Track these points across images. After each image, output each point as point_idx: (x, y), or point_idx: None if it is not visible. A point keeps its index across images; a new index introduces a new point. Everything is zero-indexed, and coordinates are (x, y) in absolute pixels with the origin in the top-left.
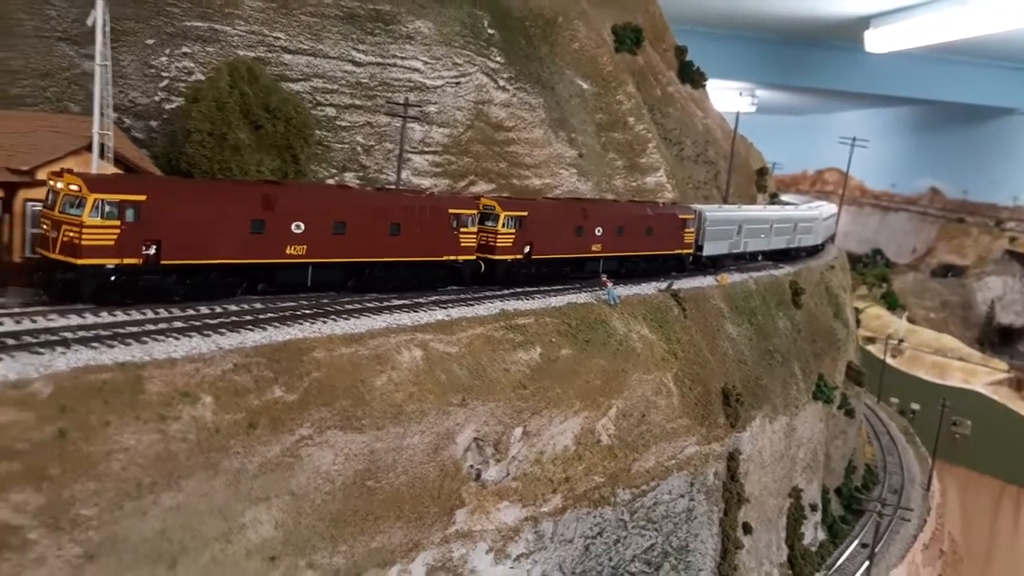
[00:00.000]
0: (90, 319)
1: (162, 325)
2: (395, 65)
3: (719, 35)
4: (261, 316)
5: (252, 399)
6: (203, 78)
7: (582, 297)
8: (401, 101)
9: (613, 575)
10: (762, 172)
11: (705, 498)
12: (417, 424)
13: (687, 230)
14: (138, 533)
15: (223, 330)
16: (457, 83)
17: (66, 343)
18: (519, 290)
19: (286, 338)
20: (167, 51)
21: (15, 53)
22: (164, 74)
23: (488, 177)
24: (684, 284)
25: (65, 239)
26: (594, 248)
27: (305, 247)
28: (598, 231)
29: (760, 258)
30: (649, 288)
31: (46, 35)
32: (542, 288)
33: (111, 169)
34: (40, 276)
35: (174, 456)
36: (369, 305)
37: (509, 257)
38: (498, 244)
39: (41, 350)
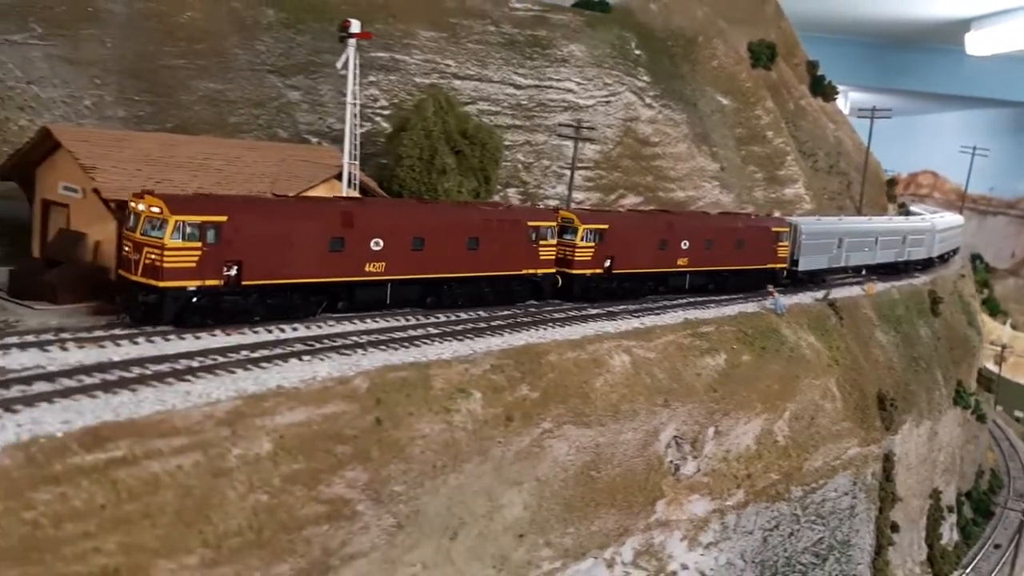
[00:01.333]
0: (373, 324)
1: (431, 330)
2: (551, 87)
3: (815, 38)
4: (493, 323)
5: (507, 396)
6: (386, 103)
7: (750, 307)
8: (557, 121)
9: (787, 565)
10: (891, 183)
11: (865, 496)
12: (630, 422)
13: (781, 243)
14: (433, 507)
15: (470, 336)
16: (608, 102)
17: (362, 346)
18: (695, 299)
19: (523, 343)
20: (357, 80)
21: (233, 85)
22: (355, 101)
23: (636, 190)
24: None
25: (147, 261)
26: (680, 262)
27: (384, 264)
28: (684, 244)
29: (864, 272)
30: (806, 298)
31: (257, 68)
32: (716, 297)
33: (348, 194)
34: (122, 299)
35: (457, 443)
36: (572, 314)
37: (588, 271)
38: (576, 258)
39: (347, 352)
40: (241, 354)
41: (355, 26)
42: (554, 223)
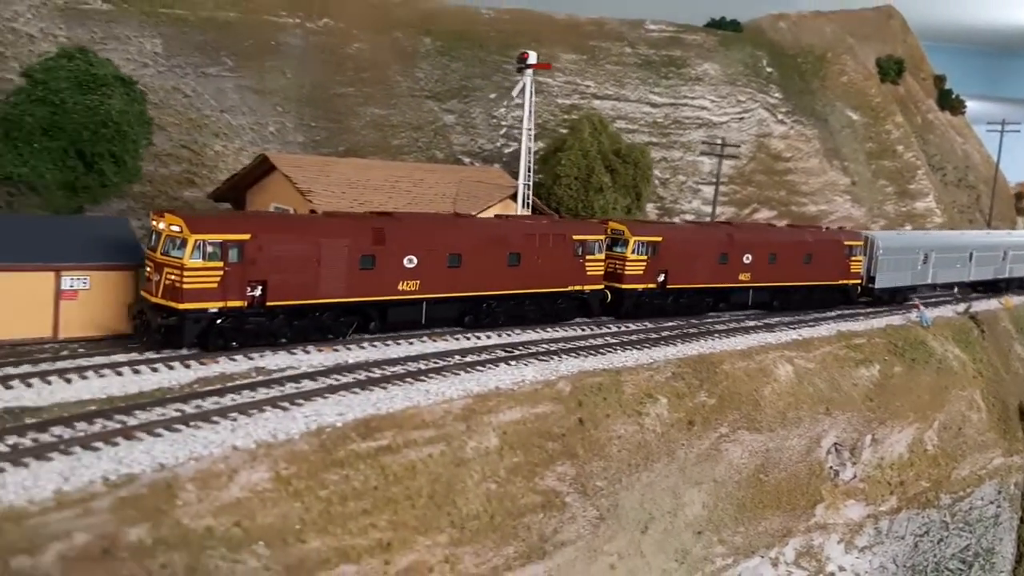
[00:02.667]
0: (558, 333)
1: (609, 340)
2: (686, 105)
3: (927, 47)
4: (663, 334)
5: (688, 401)
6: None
7: (897, 319)
8: (692, 138)
9: (935, 570)
10: (1020, 196)
11: (1008, 505)
12: (796, 428)
13: (854, 258)
14: (628, 502)
15: (647, 345)
16: (741, 118)
17: (556, 353)
18: (845, 312)
19: (697, 352)
20: (504, 103)
21: (395, 111)
22: (503, 123)
23: (769, 205)
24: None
25: (167, 282)
26: (742, 278)
27: (418, 282)
28: (747, 259)
29: (956, 290)
30: (947, 311)
31: (416, 94)
32: (864, 310)
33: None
34: (139, 321)
35: (648, 444)
36: (733, 325)
37: (639, 286)
38: (627, 272)
39: (545, 358)
40: (455, 359)
41: (532, 57)
42: (602, 236)
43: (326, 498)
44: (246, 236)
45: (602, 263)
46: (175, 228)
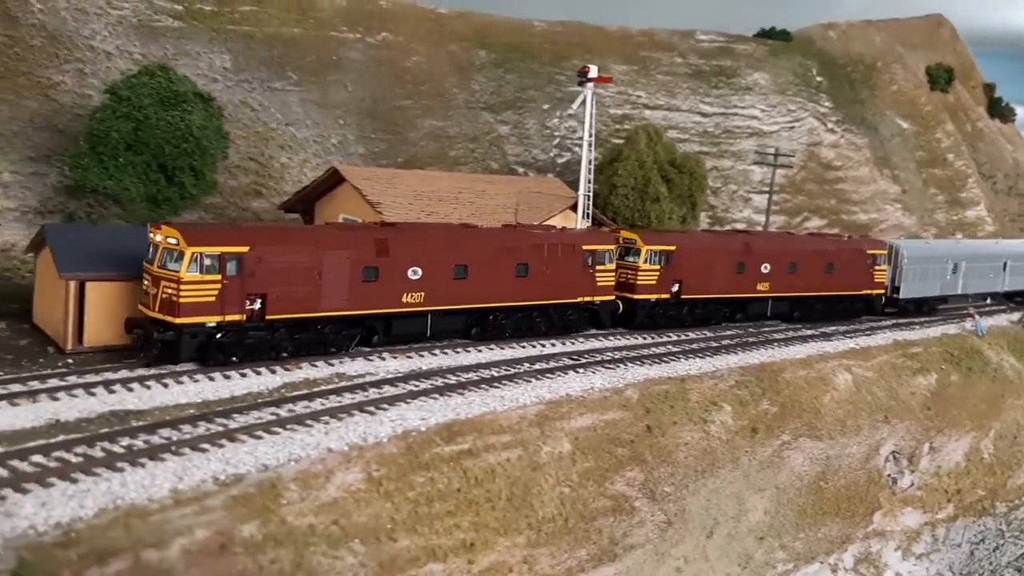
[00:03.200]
0: (623, 342)
1: (671, 348)
2: (736, 114)
3: (976, 52)
4: (723, 342)
5: (751, 409)
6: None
7: (951, 328)
8: (742, 147)
9: None
10: None
11: None
12: (855, 436)
13: (877, 267)
14: (694, 507)
15: (708, 353)
16: (791, 127)
17: (622, 361)
18: (901, 320)
19: (758, 361)
20: (557, 114)
21: (452, 122)
22: (556, 134)
23: (820, 213)
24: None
25: (164, 296)
26: (760, 287)
27: (423, 294)
28: (765, 268)
29: (989, 301)
30: (1002, 319)
31: (472, 106)
32: (917, 320)
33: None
34: (137, 335)
35: (713, 451)
36: (791, 334)
37: (652, 296)
38: (639, 282)
39: (611, 366)
40: (525, 366)
41: (593, 71)
42: (612, 246)
43: (414, 499)
44: (244, 248)
45: (613, 273)
46: (172, 240)
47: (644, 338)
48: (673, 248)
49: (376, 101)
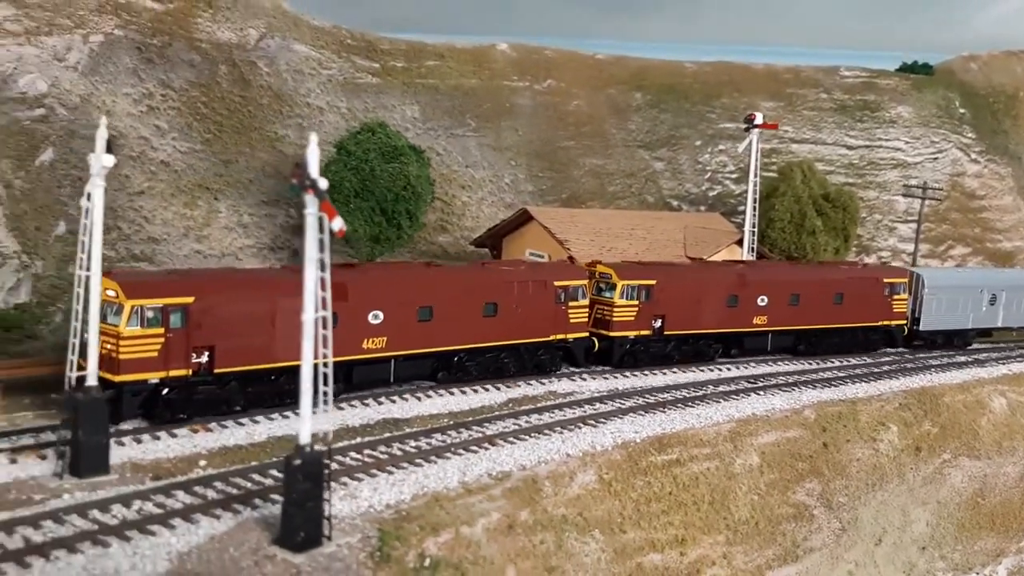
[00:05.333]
0: (799, 366)
1: (837, 373)
2: (880, 146)
3: None
4: (884, 368)
5: (914, 429)
6: (733, 168)
7: None
8: (887, 178)
9: None
10: None
11: None
12: (1011, 456)
13: (896, 297)
14: (865, 516)
15: (872, 378)
16: (935, 158)
17: (795, 385)
18: None
19: (919, 385)
20: (709, 149)
21: (610, 160)
22: (707, 168)
23: (964, 242)
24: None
25: (103, 351)
26: (757, 321)
27: (385, 339)
28: (761, 300)
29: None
30: None
31: (629, 144)
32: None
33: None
34: (68, 393)
35: (882, 466)
36: (946, 360)
37: (631, 333)
38: (615, 318)
39: (787, 389)
40: (710, 388)
41: (759, 118)
42: (585, 281)
43: (636, 499)
44: (189, 299)
45: (587, 309)
46: (111, 293)
47: (812, 363)
48: (653, 282)
49: (543, 143)
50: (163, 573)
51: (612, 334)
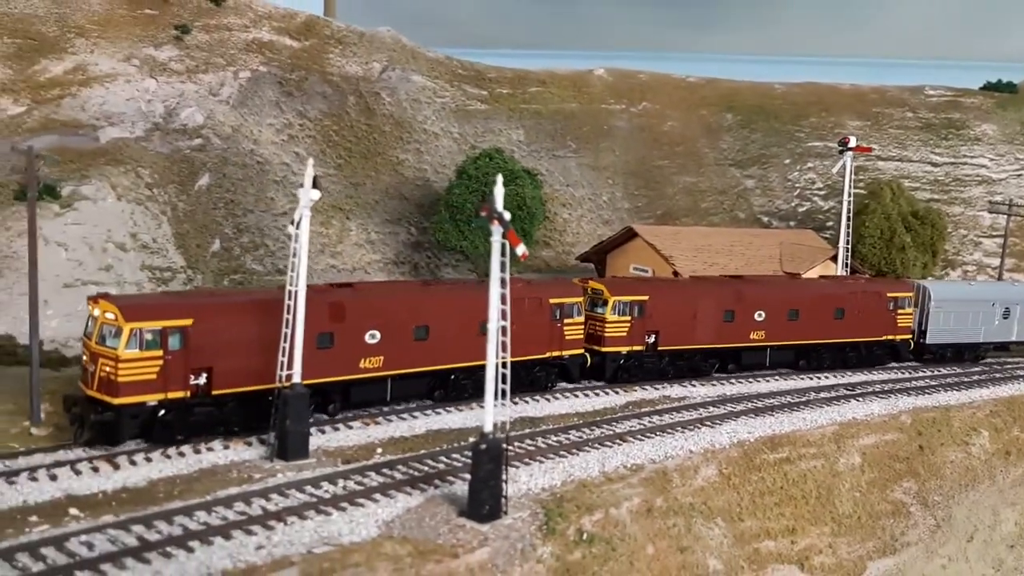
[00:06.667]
0: (891, 376)
1: (929, 382)
2: (965, 163)
3: None
4: (973, 378)
5: (1004, 435)
6: (822, 185)
7: None
8: (972, 194)
9: None
10: None
11: None
12: None
13: (901, 311)
14: (958, 515)
15: (962, 387)
16: (1019, 175)
17: (890, 392)
18: None
19: (1008, 394)
20: (797, 167)
21: (703, 178)
22: (796, 185)
23: None
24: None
25: (102, 374)
26: (754, 336)
27: (382, 358)
28: (759, 315)
29: None
30: None
31: (721, 163)
32: None
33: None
34: (74, 414)
35: (974, 468)
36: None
37: (623, 349)
38: (607, 334)
39: (884, 395)
40: (811, 395)
41: (852, 141)
42: (580, 298)
43: (751, 492)
44: (188, 321)
45: (582, 326)
46: (110, 315)
47: (906, 372)
48: (645, 298)
49: (638, 162)
50: (376, 536)
51: (604, 349)
